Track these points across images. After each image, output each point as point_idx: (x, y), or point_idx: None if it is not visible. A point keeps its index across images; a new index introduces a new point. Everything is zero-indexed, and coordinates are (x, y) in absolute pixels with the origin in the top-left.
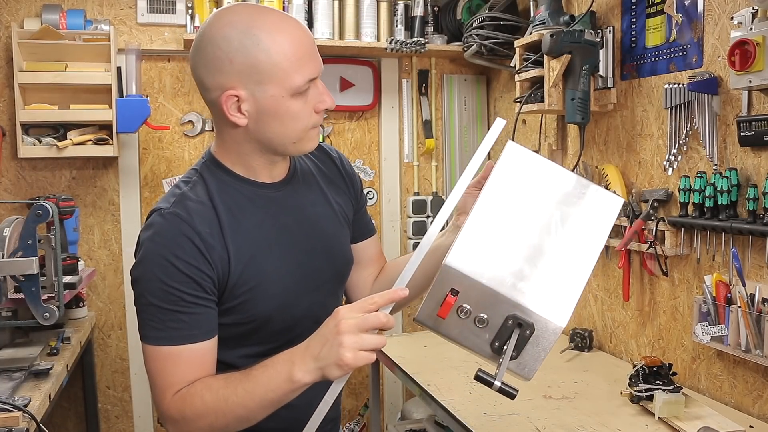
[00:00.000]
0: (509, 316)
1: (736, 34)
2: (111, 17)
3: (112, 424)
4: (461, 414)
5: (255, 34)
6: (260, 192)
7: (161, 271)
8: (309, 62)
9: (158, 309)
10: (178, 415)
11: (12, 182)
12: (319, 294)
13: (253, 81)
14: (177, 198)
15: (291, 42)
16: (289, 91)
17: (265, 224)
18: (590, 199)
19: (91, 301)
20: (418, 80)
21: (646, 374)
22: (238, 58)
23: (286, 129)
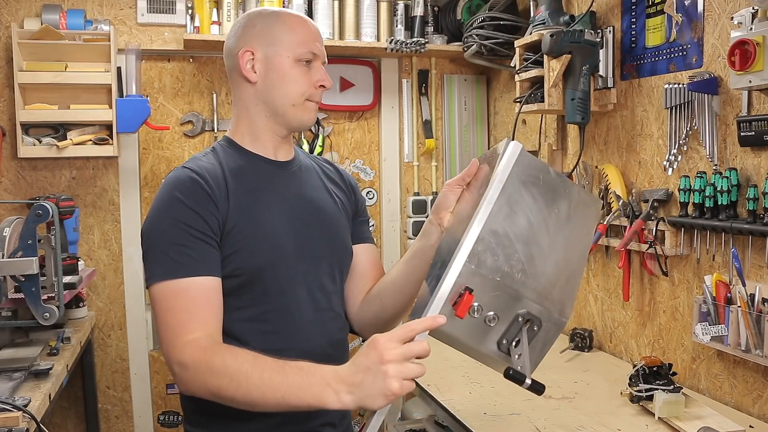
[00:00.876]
0: (519, 314)
1: (736, 34)
2: (111, 17)
3: (112, 424)
4: (461, 414)
5: (277, 15)
6: (266, 166)
7: (170, 209)
8: (314, 43)
9: (166, 245)
10: (191, 362)
11: (12, 182)
12: (314, 266)
13: (267, 42)
14: (191, 159)
15: (302, 27)
16: (294, 55)
17: (267, 190)
18: (577, 199)
19: (91, 301)
20: (418, 80)
21: (646, 374)
22: (259, 24)
23: (287, 89)
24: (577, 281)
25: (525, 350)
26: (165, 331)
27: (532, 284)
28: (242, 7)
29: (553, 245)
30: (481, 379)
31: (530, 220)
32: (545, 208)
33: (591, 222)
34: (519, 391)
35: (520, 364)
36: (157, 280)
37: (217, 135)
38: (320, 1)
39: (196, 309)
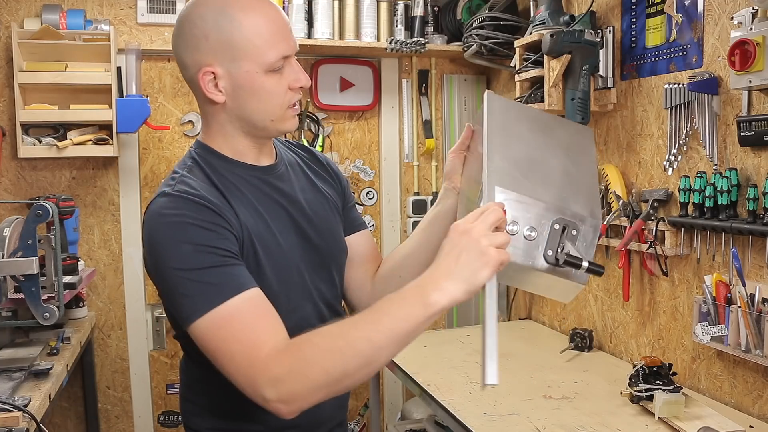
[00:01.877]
0: (554, 221)
1: (736, 34)
2: (111, 17)
3: (112, 424)
4: (461, 414)
5: (229, 13)
6: (251, 173)
7: (186, 237)
8: (282, 40)
9: (197, 274)
10: (282, 371)
11: (12, 182)
12: (316, 277)
13: (228, 57)
14: (177, 180)
15: (264, 20)
16: (263, 67)
17: (262, 202)
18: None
19: (91, 301)
20: (418, 80)
21: (646, 374)
22: (213, 35)
23: (264, 105)
24: (595, 190)
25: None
26: (236, 361)
27: (553, 195)
28: None
29: (562, 162)
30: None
31: (532, 144)
32: (542, 135)
33: (589, 144)
34: (519, 391)
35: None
36: (202, 313)
37: None
38: (320, 1)
39: (257, 323)
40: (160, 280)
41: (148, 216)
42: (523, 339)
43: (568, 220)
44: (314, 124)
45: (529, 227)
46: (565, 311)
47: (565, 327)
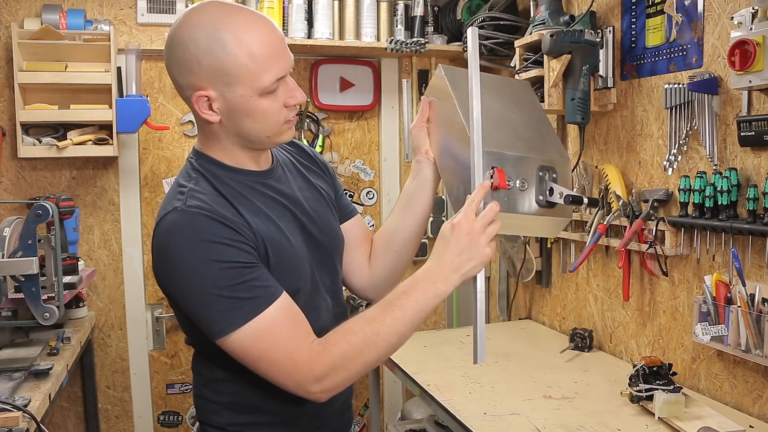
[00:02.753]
0: (539, 167)
1: (736, 34)
2: (111, 17)
3: (112, 424)
4: (461, 414)
5: (221, 37)
6: (253, 179)
7: (211, 255)
8: (277, 62)
9: (229, 290)
10: (326, 369)
11: (12, 182)
12: (322, 269)
13: (222, 82)
14: (186, 194)
15: (257, 43)
16: (258, 91)
17: (269, 206)
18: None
19: (91, 301)
20: (418, 80)
21: (646, 374)
22: (205, 60)
23: (260, 125)
24: (554, 133)
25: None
26: (280, 366)
27: (527, 146)
28: None
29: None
30: (482, 380)
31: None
32: (496, 96)
33: (532, 95)
34: (519, 391)
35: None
36: (237, 327)
37: None
38: (320, 1)
39: (293, 329)
40: (182, 299)
41: (163, 232)
42: (523, 339)
43: (547, 165)
44: (314, 124)
45: (521, 180)
46: (565, 311)
47: (565, 327)
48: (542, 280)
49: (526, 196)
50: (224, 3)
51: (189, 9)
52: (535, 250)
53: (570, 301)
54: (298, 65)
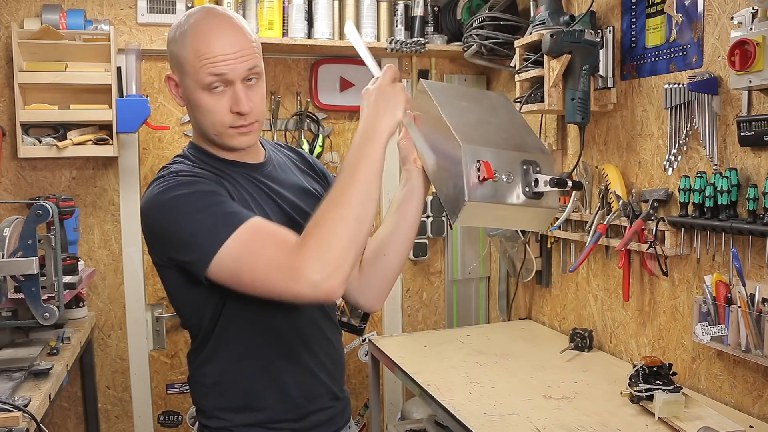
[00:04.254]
0: (522, 162)
1: (736, 34)
2: (111, 17)
3: (112, 424)
4: (461, 414)
5: (184, 32)
6: (242, 170)
7: (191, 189)
8: (220, 64)
9: (208, 210)
10: (315, 248)
11: (12, 182)
12: None
13: (179, 69)
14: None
15: (203, 41)
16: (199, 84)
17: (256, 192)
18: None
19: (91, 301)
20: (418, 80)
21: (646, 374)
22: (171, 47)
23: (206, 120)
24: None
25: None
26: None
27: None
28: (242, 7)
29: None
30: (482, 379)
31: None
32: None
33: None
34: (519, 391)
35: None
36: (226, 237)
37: None
38: (320, 1)
39: (276, 228)
40: (170, 240)
41: (146, 198)
42: (523, 339)
43: (530, 160)
44: (314, 124)
45: (506, 173)
46: (565, 311)
47: (565, 327)
48: (542, 280)
49: (513, 189)
50: (212, 9)
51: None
52: (535, 250)
53: (570, 301)
54: (298, 65)
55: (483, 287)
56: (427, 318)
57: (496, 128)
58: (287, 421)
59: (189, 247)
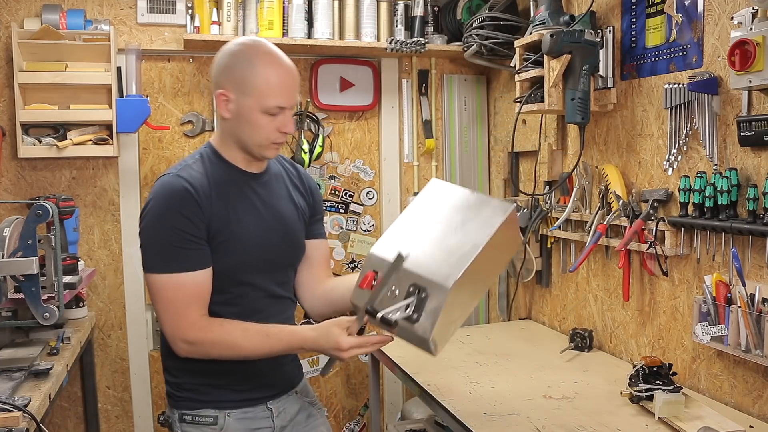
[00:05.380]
0: (410, 284)
1: (736, 34)
2: (111, 17)
3: (112, 424)
4: (461, 414)
5: (254, 61)
6: (240, 176)
7: (167, 216)
8: (281, 95)
9: (164, 246)
10: (195, 339)
11: (12, 182)
12: (274, 264)
13: (241, 90)
14: (183, 167)
15: (275, 76)
16: (260, 108)
17: (242, 200)
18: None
19: (91, 301)
20: (418, 80)
21: (646, 374)
22: (238, 69)
23: (253, 134)
24: (467, 260)
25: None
26: (167, 316)
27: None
28: (242, 7)
29: (450, 239)
30: (481, 379)
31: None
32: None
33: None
34: (519, 391)
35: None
36: (156, 271)
37: None
38: (320, 1)
39: (192, 298)
40: (142, 236)
41: (155, 186)
42: (523, 339)
43: (422, 285)
44: (314, 124)
45: (394, 288)
46: (565, 311)
47: (565, 327)
48: (542, 280)
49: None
50: (268, 44)
51: (250, 37)
52: (535, 250)
53: (570, 301)
54: (298, 65)
55: None
56: None
57: (430, 243)
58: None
59: (143, 254)
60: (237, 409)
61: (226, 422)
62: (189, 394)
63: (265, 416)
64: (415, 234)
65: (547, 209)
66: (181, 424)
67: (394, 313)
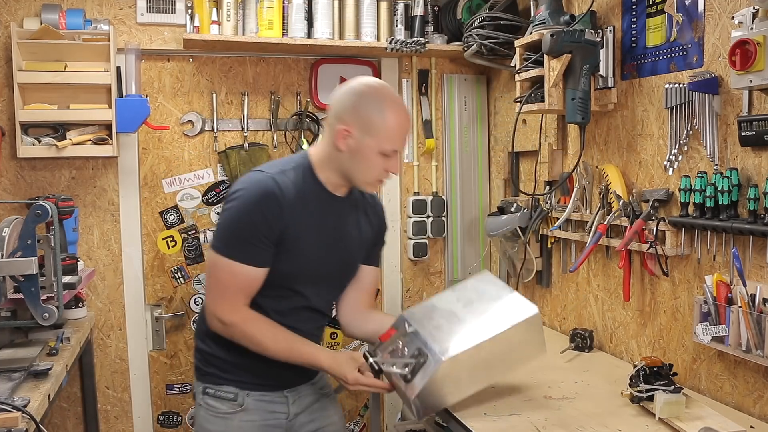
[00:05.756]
0: (417, 348)
1: (737, 33)
2: (110, 17)
3: (111, 425)
4: (461, 414)
5: (382, 106)
6: (325, 196)
7: (251, 214)
8: (400, 140)
9: (236, 235)
10: (230, 322)
11: (11, 182)
12: (324, 281)
13: (363, 130)
14: (279, 172)
15: (398, 122)
16: (379, 147)
17: (317, 217)
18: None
19: (90, 301)
20: (418, 80)
21: (647, 374)
22: (364, 109)
23: (365, 171)
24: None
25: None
26: (214, 293)
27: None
28: (242, 7)
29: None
30: None
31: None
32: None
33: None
34: (519, 391)
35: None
36: (220, 252)
37: (217, 135)
38: (320, 1)
39: (241, 288)
40: (221, 215)
41: (249, 177)
42: None
43: (425, 352)
44: (314, 124)
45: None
46: (566, 311)
47: (565, 327)
48: (542, 280)
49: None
50: (392, 90)
51: (374, 79)
52: (536, 250)
53: (570, 301)
54: (297, 65)
55: None
56: None
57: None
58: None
59: (216, 231)
60: (256, 392)
61: (245, 401)
62: (214, 370)
63: (282, 402)
64: (443, 309)
65: (548, 209)
66: (204, 396)
67: (391, 366)
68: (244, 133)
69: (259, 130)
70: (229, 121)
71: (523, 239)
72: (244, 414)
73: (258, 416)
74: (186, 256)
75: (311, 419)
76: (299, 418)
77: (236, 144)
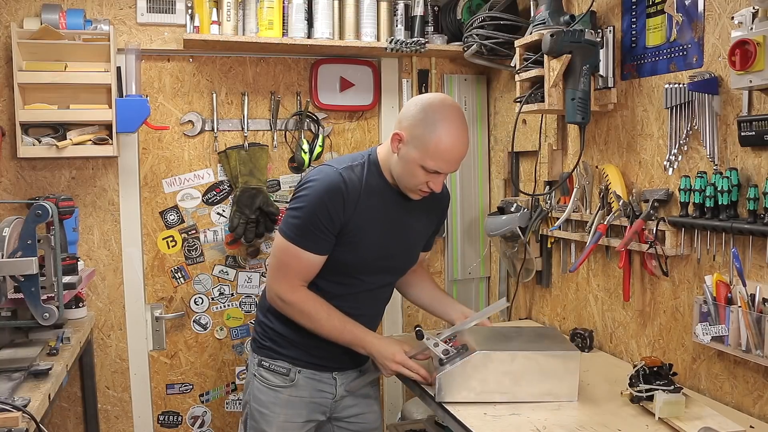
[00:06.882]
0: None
1: (737, 33)
2: (111, 17)
3: (111, 425)
4: (461, 414)
5: (437, 124)
6: (388, 191)
7: (318, 204)
8: (444, 162)
9: (304, 223)
10: (289, 300)
11: (11, 182)
12: (384, 271)
13: (415, 142)
14: (347, 166)
15: (446, 146)
16: (421, 162)
17: (381, 211)
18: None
19: (90, 301)
20: (418, 80)
21: (647, 374)
22: (419, 125)
23: (406, 177)
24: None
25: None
26: (277, 273)
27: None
28: (242, 7)
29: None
30: None
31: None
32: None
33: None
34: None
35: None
36: (286, 237)
37: (217, 135)
38: (320, 1)
39: (301, 270)
40: (291, 202)
41: (318, 171)
42: None
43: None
44: (314, 124)
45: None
46: (566, 311)
47: (565, 327)
48: (542, 280)
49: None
50: (460, 114)
51: (449, 100)
52: (536, 250)
53: (570, 301)
54: (297, 65)
55: (483, 287)
56: (427, 318)
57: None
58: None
59: (284, 218)
60: (307, 370)
61: (296, 377)
62: (270, 344)
63: (330, 383)
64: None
65: (548, 209)
66: (258, 368)
67: (436, 346)
68: (244, 133)
69: (259, 130)
70: (229, 121)
71: (523, 239)
72: (294, 389)
73: (306, 393)
74: (186, 256)
75: (355, 403)
76: (345, 400)
77: (236, 144)
